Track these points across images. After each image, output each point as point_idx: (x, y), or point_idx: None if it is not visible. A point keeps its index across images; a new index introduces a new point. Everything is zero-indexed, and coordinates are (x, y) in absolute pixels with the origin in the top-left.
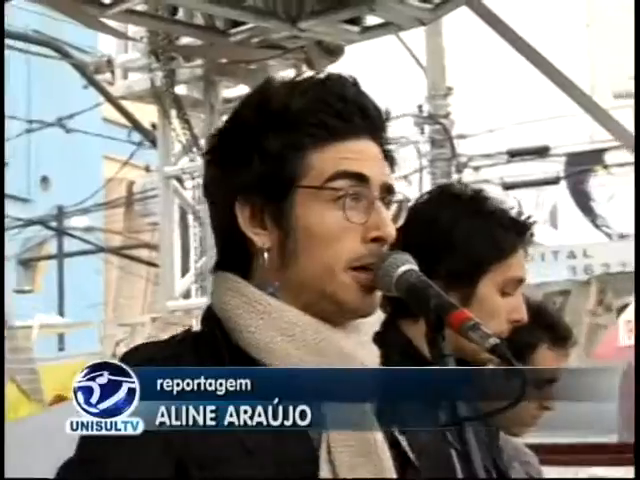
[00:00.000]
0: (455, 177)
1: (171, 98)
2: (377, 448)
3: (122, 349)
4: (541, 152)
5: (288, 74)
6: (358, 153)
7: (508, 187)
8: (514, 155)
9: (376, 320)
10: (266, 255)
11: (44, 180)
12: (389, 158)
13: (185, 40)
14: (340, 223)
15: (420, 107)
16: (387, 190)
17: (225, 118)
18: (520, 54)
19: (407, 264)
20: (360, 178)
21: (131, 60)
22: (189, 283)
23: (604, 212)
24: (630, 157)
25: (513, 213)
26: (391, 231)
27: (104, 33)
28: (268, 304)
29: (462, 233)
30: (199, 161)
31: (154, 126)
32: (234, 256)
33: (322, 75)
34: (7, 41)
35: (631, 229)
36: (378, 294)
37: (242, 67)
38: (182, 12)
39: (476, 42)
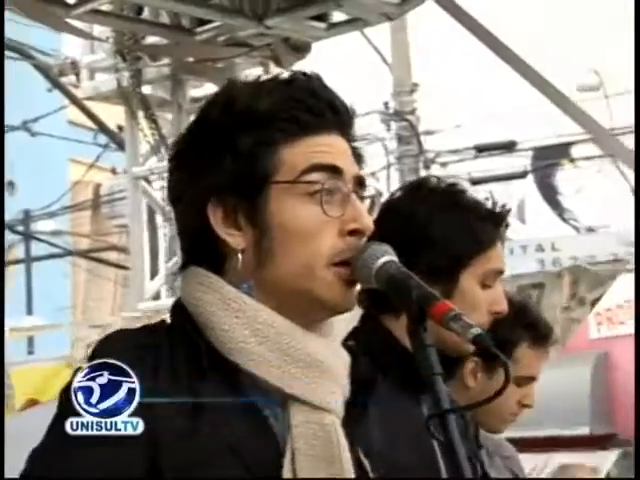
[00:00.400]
0: (423, 173)
1: (138, 98)
2: (341, 458)
3: None
4: (508, 147)
5: (255, 71)
6: (330, 147)
7: (476, 182)
8: (481, 150)
9: (348, 320)
10: (240, 256)
11: (10, 184)
12: (357, 155)
13: (151, 39)
14: (317, 218)
15: (386, 104)
16: (359, 183)
17: (192, 119)
18: (488, 48)
19: (386, 255)
20: (334, 170)
21: (97, 61)
22: (159, 284)
23: (571, 205)
24: (596, 150)
25: (488, 204)
26: (369, 223)
27: (70, 34)
28: (243, 302)
29: (440, 228)
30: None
31: (120, 128)
32: (204, 258)
33: (287, 74)
34: None
35: (598, 222)
36: (356, 288)
37: (209, 65)
38: (147, 11)
39: (441, 38)
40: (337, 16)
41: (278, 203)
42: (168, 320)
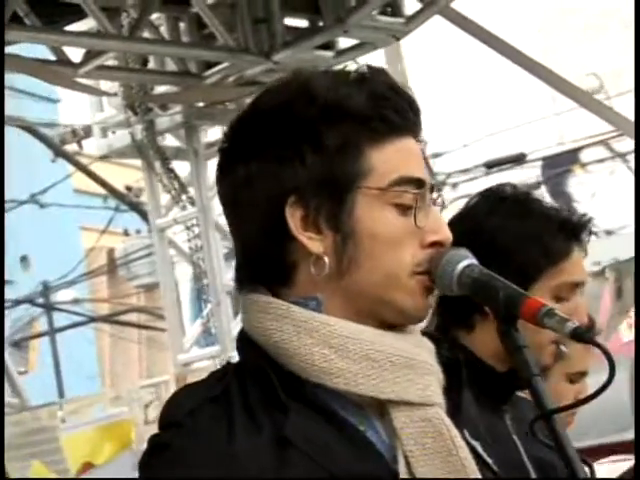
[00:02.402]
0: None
1: (154, 150)
2: (457, 449)
3: (153, 411)
4: (518, 160)
5: None
6: (414, 155)
7: None
8: (491, 166)
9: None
10: (327, 261)
11: (24, 259)
12: (426, 159)
13: (160, 89)
14: (403, 227)
15: None
16: (433, 191)
17: (210, 164)
18: (503, 55)
19: (466, 259)
20: (419, 183)
21: (108, 117)
22: (197, 333)
23: (587, 211)
24: (606, 152)
25: (564, 214)
26: (449, 234)
27: (80, 92)
28: (314, 320)
29: (508, 239)
30: (190, 209)
31: (129, 189)
32: (268, 271)
33: (361, 67)
34: None
35: (616, 224)
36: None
37: (220, 108)
38: (153, 61)
39: (438, 61)
40: (344, 42)
41: (365, 209)
42: (234, 359)
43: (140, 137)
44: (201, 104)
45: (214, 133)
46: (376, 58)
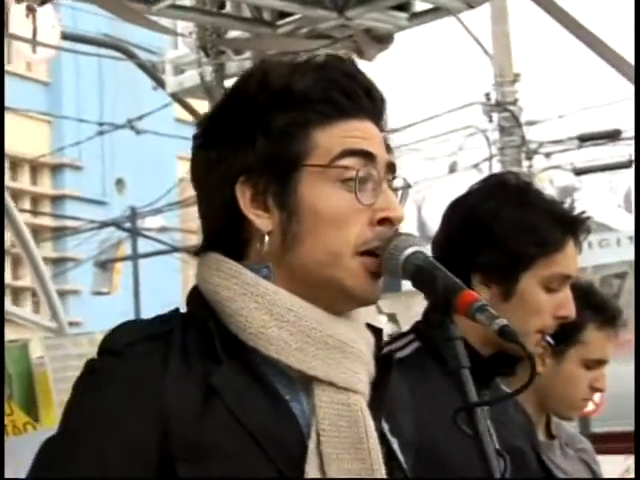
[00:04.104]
0: (525, 164)
1: (221, 92)
2: (368, 439)
3: None
4: (612, 136)
5: None
6: (364, 132)
7: (580, 172)
8: (585, 140)
9: (371, 308)
10: (267, 239)
11: (119, 182)
12: (387, 144)
13: (233, 33)
14: (348, 204)
15: (488, 95)
16: (391, 171)
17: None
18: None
19: (414, 246)
20: (368, 157)
21: (181, 56)
22: None
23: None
24: None
25: (563, 207)
26: (400, 213)
27: (152, 30)
28: (262, 287)
29: (503, 225)
30: None
31: None
32: (225, 242)
33: (322, 56)
34: (78, 46)
35: None
36: (381, 280)
37: (290, 58)
38: (229, 5)
39: (542, 27)
40: (419, 5)
41: (309, 187)
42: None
43: (209, 79)
44: (272, 52)
45: None
46: (483, 17)
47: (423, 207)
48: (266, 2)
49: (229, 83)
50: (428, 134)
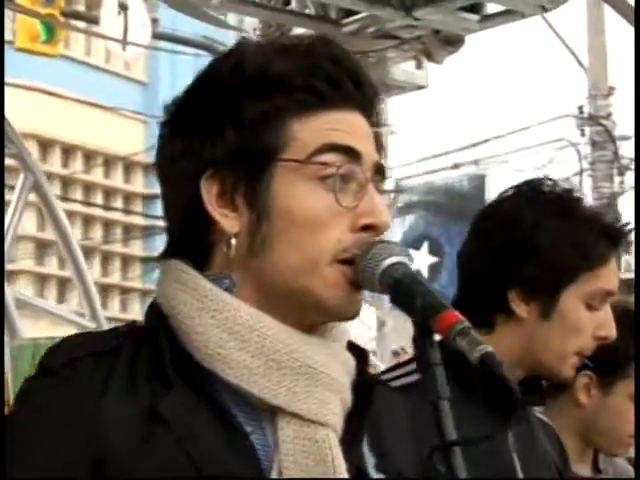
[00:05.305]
0: (617, 180)
1: None
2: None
3: None
4: None
5: (407, 65)
6: (349, 125)
7: None
8: None
9: (349, 323)
10: (233, 241)
11: None
12: (378, 142)
13: (298, 31)
14: (327, 206)
15: (581, 108)
16: (379, 171)
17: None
18: None
19: (394, 256)
20: (351, 153)
21: None
22: None
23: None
24: None
25: (606, 220)
26: (386, 219)
27: (211, 24)
28: (221, 301)
29: (546, 236)
30: None
31: None
32: (189, 246)
33: (308, 38)
34: (176, 46)
35: None
36: (363, 293)
37: (359, 59)
38: (294, 2)
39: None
40: (492, 8)
41: (283, 184)
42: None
43: None
44: None
45: None
46: (579, 29)
47: None
48: (333, 0)
49: None
50: (518, 146)
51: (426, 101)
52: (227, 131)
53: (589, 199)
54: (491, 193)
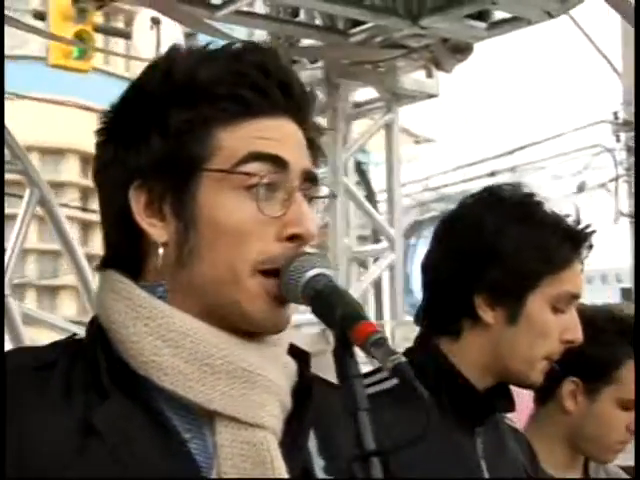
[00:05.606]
0: None
1: None
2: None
3: None
4: None
5: (417, 75)
6: (277, 132)
7: None
8: None
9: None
10: (161, 251)
11: None
12: (313, 147)
13: (306, 42)
14: (253, 215)
15: (616, 114)
16: (309, 179)
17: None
18: None
19: (316, 268)
20: (278, 162)
21: None
22: None
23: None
24: None
25: (569, 221)
26: (312, 229)
27: (214, 37)
28: (154, 308)
29: (509, 242)
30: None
31: None
32: (125, 253)
33: (237, 45)
34: None
35: None
36: (290, 306)
37: (368, 69)
38: (303, 14)
39: None
40: (499, 15)
41: (210, 194)
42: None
43: None
44: (345, 61)
45: (363, 93)
46: (613, 35)
47: None
48: (338, 10)
49: None
50: (553, 152)
51: (456, 110)
52: (153, 139)
53: (626, 205)
54: None
